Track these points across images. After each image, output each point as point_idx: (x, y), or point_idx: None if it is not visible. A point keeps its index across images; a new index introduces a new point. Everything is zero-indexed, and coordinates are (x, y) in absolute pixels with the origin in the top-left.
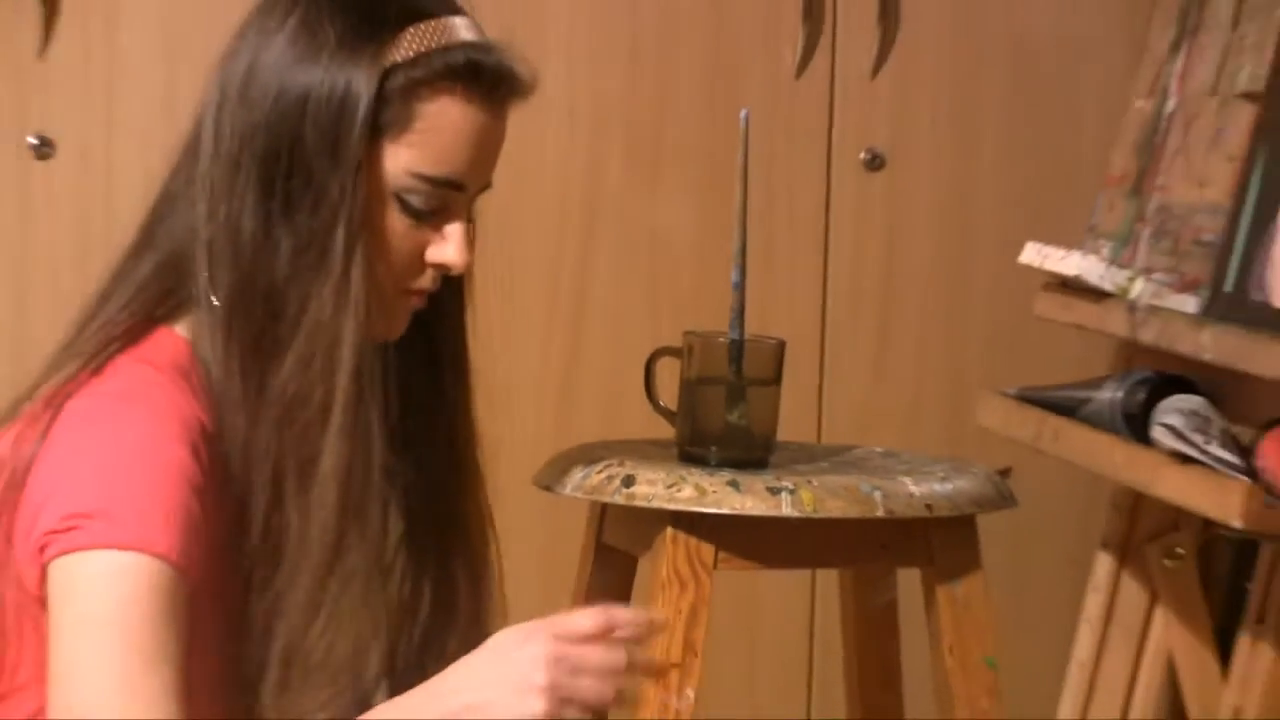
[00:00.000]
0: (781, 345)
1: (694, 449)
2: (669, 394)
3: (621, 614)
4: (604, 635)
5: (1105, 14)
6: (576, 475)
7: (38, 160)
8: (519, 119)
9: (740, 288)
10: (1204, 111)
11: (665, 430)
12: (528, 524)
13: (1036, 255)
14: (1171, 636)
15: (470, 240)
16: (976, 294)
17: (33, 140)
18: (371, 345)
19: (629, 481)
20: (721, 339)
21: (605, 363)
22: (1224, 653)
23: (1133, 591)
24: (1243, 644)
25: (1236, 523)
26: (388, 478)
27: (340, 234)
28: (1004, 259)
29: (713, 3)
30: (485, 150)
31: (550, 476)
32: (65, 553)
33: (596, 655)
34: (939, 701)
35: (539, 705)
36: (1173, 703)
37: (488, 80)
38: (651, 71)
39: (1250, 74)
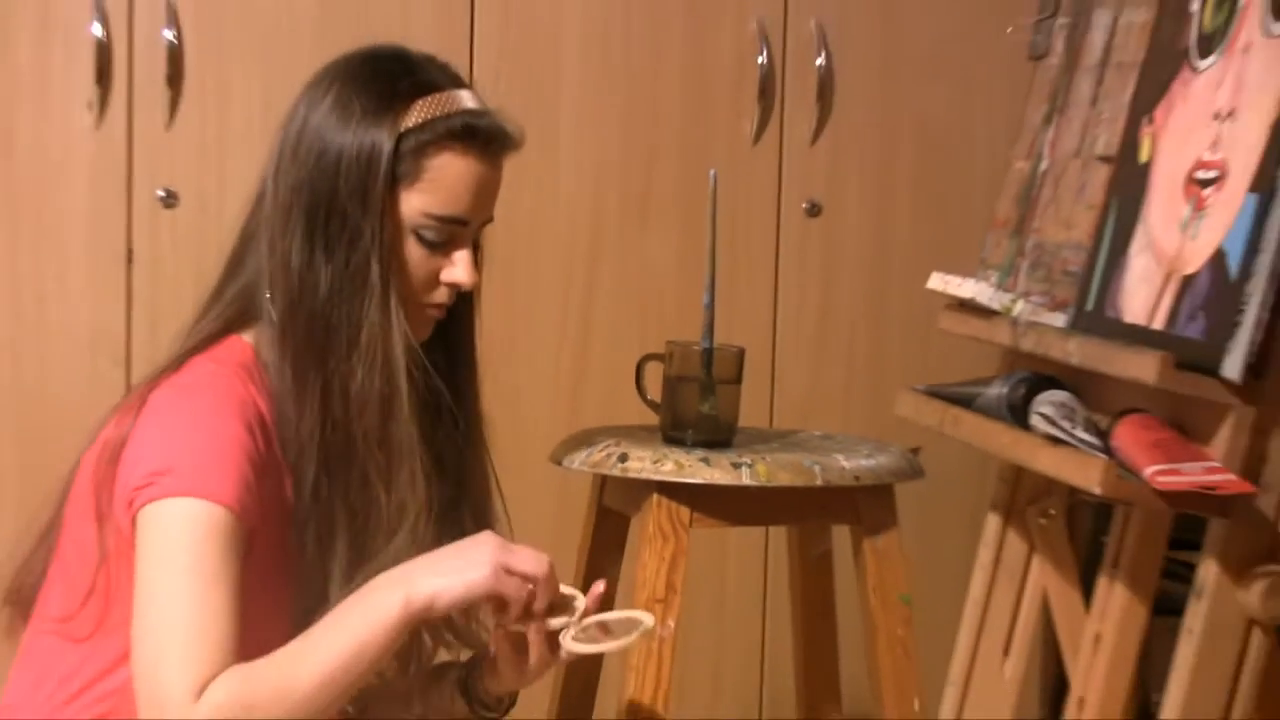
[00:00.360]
0: (742, 352)
1: (674, 433)
2: (655, 390)
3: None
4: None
5: (992, 95)
6: (582, 453)
7: (165, 209)
8: (540, 176)
9: (710, 307)
10: (1070, 170)
11: (652, 418)
12: (544, 491)
13: (940, 282)
14: (1046, 579)
15: (477, 263)
16: (894, 312)
17: (161, 193)
18: (414, 347)
19: (623, 458)
20: (696, 347)
21: (605, 365)
22: (1087, 591)
23: (1015, 544)
24: (1102, 584)
25: (1096, 490)
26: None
27: (375, 265)
28: (915, 285)
29: (688, 86)
30: (483, 193)
31: (562, 454)
32: (147, 502)
33: (530, 554)
34: (865, 630)
35: (485, 572)
36: (1046, 631)
37: (482, 139)
38: (641, 139)
39: (1105, 141)
